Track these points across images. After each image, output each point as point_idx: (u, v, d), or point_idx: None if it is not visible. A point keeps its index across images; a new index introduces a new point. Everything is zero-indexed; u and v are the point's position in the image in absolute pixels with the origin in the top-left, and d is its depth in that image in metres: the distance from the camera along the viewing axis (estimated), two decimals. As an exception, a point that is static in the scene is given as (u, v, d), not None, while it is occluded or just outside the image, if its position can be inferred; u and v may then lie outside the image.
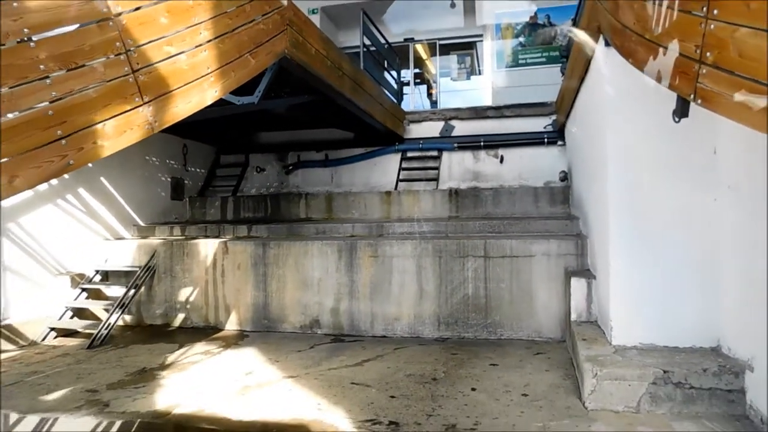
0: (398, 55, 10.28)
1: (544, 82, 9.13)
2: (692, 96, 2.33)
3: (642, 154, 3.63)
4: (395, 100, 8.74)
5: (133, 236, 6.82)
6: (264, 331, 5.63)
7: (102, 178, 6.38)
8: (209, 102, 3.21)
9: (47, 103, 2.40)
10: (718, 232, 3.44)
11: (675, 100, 2.75)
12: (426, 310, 5.28)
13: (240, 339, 5.37)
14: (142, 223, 7.05)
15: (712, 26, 2.14)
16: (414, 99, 12.55)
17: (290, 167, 8.79)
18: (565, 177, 7.26)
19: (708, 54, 2.19)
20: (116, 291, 5.82)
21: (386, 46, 9.13)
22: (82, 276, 5.89)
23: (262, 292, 5.70)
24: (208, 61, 3.19)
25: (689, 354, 3.44)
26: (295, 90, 5.68)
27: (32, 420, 3.35)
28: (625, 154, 3.69)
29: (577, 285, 4.47)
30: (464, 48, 12.51)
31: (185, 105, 3.03)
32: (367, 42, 7.73)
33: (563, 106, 6.66)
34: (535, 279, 5.07)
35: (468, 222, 6.11)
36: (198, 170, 8.57)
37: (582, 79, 4.93)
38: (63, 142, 2.46)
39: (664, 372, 3.22)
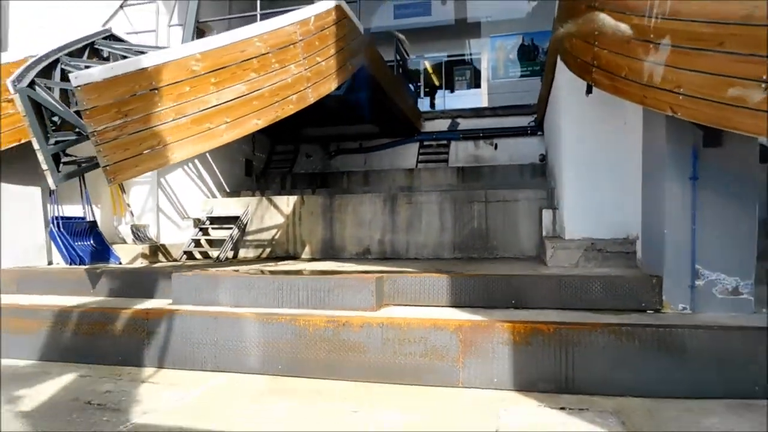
0: (412, 69, 12.83)
1: (529, 89, 11.67)
2: (591, 82, 4.78)
3: (582, 127, 6.04)
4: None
5: (223, 197, 9.17)
6: (330, 258, 7.97)
7: (207, 153, 8.75)
8: (333, 89, 5.62)
9: (273, 83, 4.80)
10: (627, 173, 5.81)
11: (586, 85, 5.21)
12: (445, 239, 7.66)
13: (315, 260, 7.71)
14: (228, 190, 9.41)
15: (596, 49, 4.59)
16: (423, 104, 15.07)
17: (333, 153, 11.23)
18: (543, 158, 9.73)
19: (595, 62, 4.64)
20: (219, 233, 8.17)
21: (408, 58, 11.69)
22: (199, 220, 8.23)
23: (328, 231, 8.06)
24: (333, 66, 5.62)
25: (610, 239, 5.84)
26: (351, 89, 8.10)
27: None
28: (572, 127, 6.13)
29: (547, 214, 6.88)
30: (465, 64, 15.12)
31: (323, 89, 5.45)
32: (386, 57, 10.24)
33: (541, 106, 9.15)
34: (519, 216, 7.49)
35: (472, 184, 8.55)
36: (260, 155, 10.97)
37: (551, 85, 7.41)
38: (276, 104, 4.87)
39: (592, 244, 5.63)
